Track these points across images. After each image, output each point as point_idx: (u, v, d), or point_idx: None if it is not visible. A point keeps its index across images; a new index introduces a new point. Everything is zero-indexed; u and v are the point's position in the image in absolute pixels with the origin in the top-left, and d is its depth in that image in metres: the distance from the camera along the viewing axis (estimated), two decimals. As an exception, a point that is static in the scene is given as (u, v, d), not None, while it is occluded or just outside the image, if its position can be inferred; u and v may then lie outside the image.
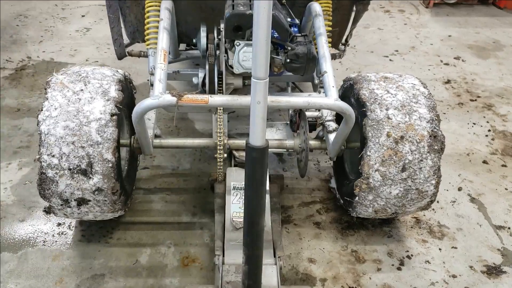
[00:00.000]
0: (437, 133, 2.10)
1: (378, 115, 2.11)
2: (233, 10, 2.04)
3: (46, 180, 2.02)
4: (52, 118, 1.98)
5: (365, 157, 2.11)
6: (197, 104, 1.90)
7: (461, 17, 5.32)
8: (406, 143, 2.08)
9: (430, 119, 2.11)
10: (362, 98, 2.17)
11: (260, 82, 1.34)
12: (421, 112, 2.11)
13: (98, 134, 1.99)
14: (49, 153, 1.98)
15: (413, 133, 2.08)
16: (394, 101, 2.13)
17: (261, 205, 1.58)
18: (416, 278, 2.29)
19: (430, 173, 2.12)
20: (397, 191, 2.14)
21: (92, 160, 1.99)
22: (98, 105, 2.02)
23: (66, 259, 2.29)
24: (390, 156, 2.09)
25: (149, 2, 2.57)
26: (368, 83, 2.24)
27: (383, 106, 2.12)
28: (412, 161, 2.09)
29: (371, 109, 2.12)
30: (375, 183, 2.12)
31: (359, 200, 2.20)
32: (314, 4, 2.57)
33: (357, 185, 2.15)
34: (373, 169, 2.10)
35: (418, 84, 2.24)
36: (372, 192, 2.15)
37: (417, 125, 2.09)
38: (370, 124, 2.11)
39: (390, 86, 2.20)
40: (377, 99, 2.14)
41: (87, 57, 4.16)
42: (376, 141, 2.09)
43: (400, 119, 2.09)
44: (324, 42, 2.37)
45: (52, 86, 2.07)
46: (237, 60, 2.16)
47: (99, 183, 2.03)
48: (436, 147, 2.10)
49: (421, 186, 2.15)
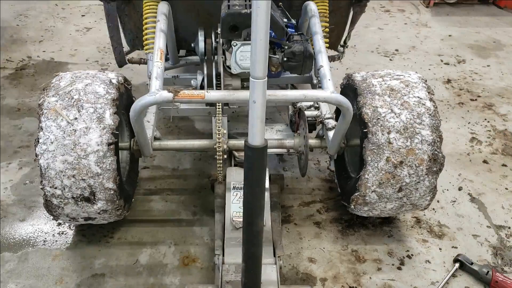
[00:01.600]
0: (437, 155, 2.07)
1: (379, 139, 2.05)
2: (229, 9, 2.03)
3: (52, 206, 2.07)
4: (49, 152, 1.96)
5: (363, 179, 2.10)
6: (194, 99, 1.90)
7: (462, 17, 5.32)
8: (404, 168, 2.05)
9: (432, 141, 2.05)
10: (365, 118, 2.09)
11: (258, 82, 1.34)
12: (424, 135, 2.05)
13: (98, 166, 1.98)
14: (51, 185, 2.00)
15: (413, 158, 2.05)
16: (397, 122, 2.05)
17: (260, 204, 1.58)
18: (417, 277, 2.28)
19: (426, 192, 2.16)
20: (391, 206, 2.21)
21: (94, 190, 2.02)
22: (94, 136, 1.97)
23: (66, 259, 2.30)
24: (388, 179, 2.08)
25: (146, 7, 2.58)
26: (372, 96, 2.13)
27: (385, 129, 2.05)
28: (409, 183, 2.10)
29: (373, 131, 2.05)
30: (371, 200, 2.17)
31: (354, 209, 2.28)
32: (310, 3, 2.58)
33: (353, 199, 2.19)
34: (370, 190, 2.12)
35: (425, 97, 2.12)
36: (367, 205, 2.21)
37: (418, 149, 2.04)
38: (370, 148, 2.06)
39: (395, 103, 2.09)
40: (380, 119, 2.06)
41: (87, 57, 4.16)
42: (375, 165, 2.06)
43: (401, 144, 2.04)
44: (320, 38, 2.38)
45: (45, 113, 2.00)
46: (234, 60, 2.16)
47: (103, 207, 2.08)
48: (434, 168, 2.08)
49: (416, 201, 2.20)
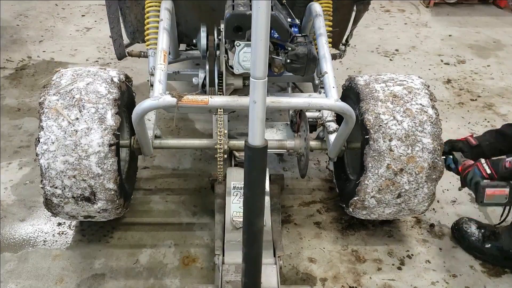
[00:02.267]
0: (437, 163, 2.09)
1: (381, 146, 2.05)
2: (233, 10, 2.03)
3: (52, 204, 2.07)
4: (50, 152, 1.94)
5: (363, 184, 2.11)
6: (197, 105, 1.90)
7: (462, 17, 5.31)
8: (404, 175, 2.07)
9: (433, 150, 2.06)
10: (367, 124, 2.10)
11: (258, 82, 1.34)
12: (425, 143, 2.06)
13: (99, 167, 1.97)
14: (51, 185, 1.99)
15: (413, 165, 2.06)
16: (399, 130, 2.06)
17: (260, 204, 1.58)
18: (417, 277, 2.28)
19: (425, 198, 2.18)
20: (390, 211, 2.23)
21: (94, 190, 2.02)
22: (95, 137, 1.96)
23: (66, 259, 2.29)
24: (387, 185, 2.10)
25: (149, 2, 2.57)
26: (375, 103, 2.13)
27: (387, 136, 2.06)
28: (408, 190, 2.12)
29: (374, 138, 2.06)
30: (370, 205, 2.19)
31: (352, 212, 2.30)
32: (314, 4, 2.57)
33: (352, 203, 2.21)
34: (369, 195, 2.14)
35: (427, 104, 2.13)
36: (366, 210, 2.23)
37: (418, 157, 2.06)
38: (371, 155, 2.07)
39: (397, 110, 2.10)
40: (382, 126, 2.07)
41: (87, 57, 4.16)
42: (375, 172, 2.07)
43: (402, 151, 2.05)
44: (324, 42, 2.37)
45: (45, 112, 1.98)
46: (237, 60, 2.16)
47: (103, 206, 2.09)
48: (434, 176, 2.10)
49: (414, 207, 2.23)
